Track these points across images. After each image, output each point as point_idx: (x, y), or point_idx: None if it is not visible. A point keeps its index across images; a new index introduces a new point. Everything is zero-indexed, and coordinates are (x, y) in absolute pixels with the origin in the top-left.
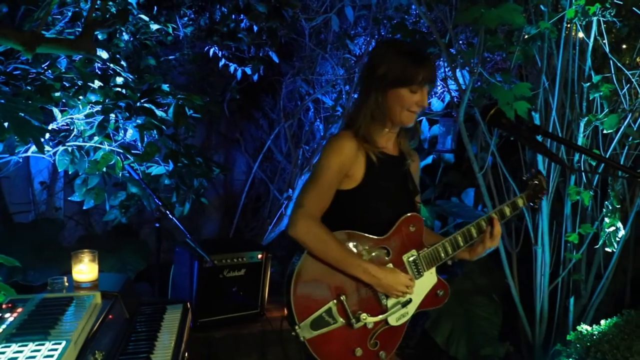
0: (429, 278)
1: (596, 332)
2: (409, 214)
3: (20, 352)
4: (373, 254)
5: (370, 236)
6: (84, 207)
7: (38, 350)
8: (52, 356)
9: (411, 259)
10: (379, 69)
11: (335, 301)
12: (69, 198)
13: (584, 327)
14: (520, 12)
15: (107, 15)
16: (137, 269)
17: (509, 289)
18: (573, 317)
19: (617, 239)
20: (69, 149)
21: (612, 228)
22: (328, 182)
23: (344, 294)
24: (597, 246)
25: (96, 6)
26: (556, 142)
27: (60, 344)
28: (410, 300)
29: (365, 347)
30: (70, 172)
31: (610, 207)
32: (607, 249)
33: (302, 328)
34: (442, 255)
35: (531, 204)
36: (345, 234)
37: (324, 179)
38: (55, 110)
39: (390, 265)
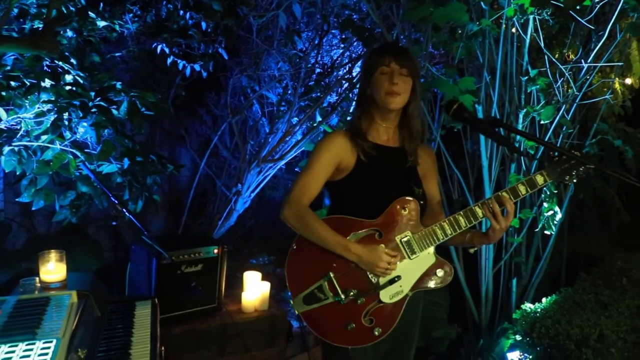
0: (426, 258)
1: (539, 310)
2: (401, 198)
3: (12, 352)
4: (362, 236)
5: (361, 220)
6: (33, 208)
7: (30, 350)
8: (46, 354)
9: (404, 239)
10: (360, 71)
11: (326, 278)
12: (18, 199)
13: (527, 306)
14: (464, 11)
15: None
16: (90, 268)
17: (455, 273)
18: (515, 297)
19: (555, 222)
20: (15, 149)
21: (551, 212)
22: (315, 173)
23: (334, 271)
24: (537, 230)
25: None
26: (513, 132)
27: (50, 342)
28: (399, 277)
29: (359, 323)
30: (17, 173)
31: (548, 193)
32: (546, 232)
33: (295, 302)
34: (440, 235)
35: (562, 181)
36: (336, 218)
37: (311, 171)
38: (0, 110)
39: (382, 246)
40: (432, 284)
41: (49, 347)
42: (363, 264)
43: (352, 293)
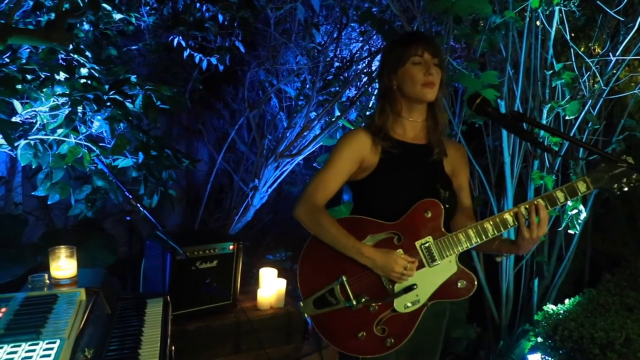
0: (447, 267)
1: (561, 311)
2: (424, 200)
3: (15, 352)
4: (380, 239)
5: (380, 221)
6: (49, 202)
7: (33, 350)
8: (49, 355)
9: (425, 245)
10: (383, 63)
11: (338, 282)
12: (33, 193)
13: (550, 307)
14: (488, 2)
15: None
16: (106, 263)
17: (475, 272)
18: (537, 297)
19: (579, 221)
20: (31, 142)
21: (575, 211)
22: (333, 171)
23: (347, 275)
24: (560, 228)
25: None
26: (538, 128)
27: (54, 342)
28: (415, 287)
29: (371, 332)
30: (33, 167)
31: None
32: (570, 231)
33: (305, 305)
34: (464, 243)
35: (610, 189)
36: (354, 218)
37: (330, 169)
38: (16, 103)
39: (400, 251)
40: (451, 296)
41: (52, 348)
42: (377, 269)
43: (364, 299)
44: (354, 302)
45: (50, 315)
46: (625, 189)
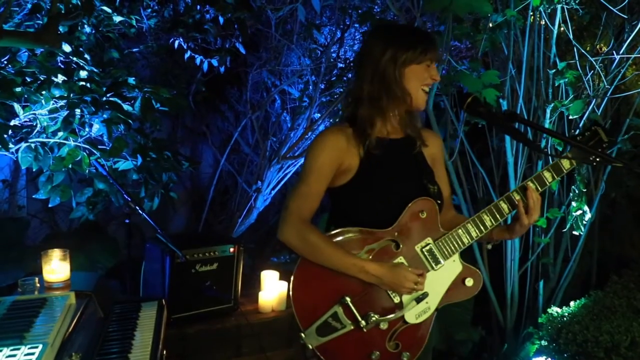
0: (452, 267)
1: (566, 314)
2: (416, 200)
3: None
4: (377, 249)
5: (373, 230)
6: (50, 205)
7: (14, 355)
8: None
9: (426, 248)
10: (385, 53)
11: (340, 303)
12: (34, 196)
13: (554, 310)
14: (487, 0)
15: (70, 6)
16: (106, 266)
17: None
18: (542, 299)
19: (584, 222)
20: (32, 145)
21: (579, 212)
22: (315, 181)
23: (349, 295)
24: (564, 230)
25: None
26: (534, 129)
27: (36, 347)
28: (426, 294)
29: (384, 350)
30: (34, 170)
31: (576, 191)
32: (575, 232)
33: (307, 335)
34: (465, 239)
35: (589, 162)
36: (343, 231)
37: (310, 179)
38: (17, 106)
39: (401, 258)
40: (460, 296)
41: (33, 353)
42: (385, 285)
43: (374, 318)
44: (363, 322)
45: (37, 320)
46: (599, 159)
